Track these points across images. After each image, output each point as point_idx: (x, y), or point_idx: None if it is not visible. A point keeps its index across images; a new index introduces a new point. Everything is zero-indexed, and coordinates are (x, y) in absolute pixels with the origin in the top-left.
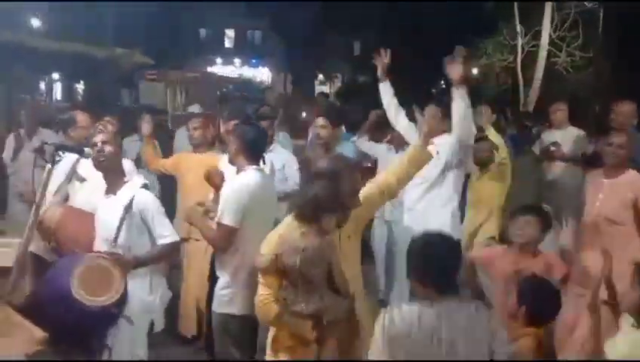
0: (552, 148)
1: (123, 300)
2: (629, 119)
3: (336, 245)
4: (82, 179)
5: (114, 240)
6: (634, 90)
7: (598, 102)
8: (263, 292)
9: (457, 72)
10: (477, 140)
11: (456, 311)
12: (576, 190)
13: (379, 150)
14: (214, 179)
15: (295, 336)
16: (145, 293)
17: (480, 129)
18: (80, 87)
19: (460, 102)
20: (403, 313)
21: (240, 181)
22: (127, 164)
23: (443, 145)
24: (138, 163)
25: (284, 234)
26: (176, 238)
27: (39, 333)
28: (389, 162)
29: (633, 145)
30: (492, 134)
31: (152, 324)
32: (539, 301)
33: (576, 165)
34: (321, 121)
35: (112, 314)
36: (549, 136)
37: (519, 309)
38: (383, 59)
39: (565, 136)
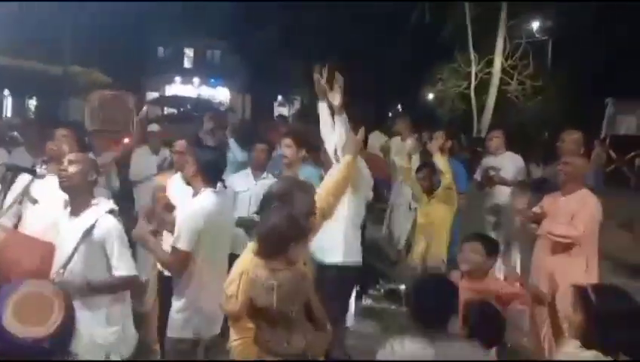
0: (492, 173)
1: (63, 334)
2: (576, 147)
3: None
4: (34, 201)
5: (63, 265)
6: (581, 118)
7: (547, 129)
8: (237, 336)
9: (338, 100)
10: (418, 169)
11: (457, 351)
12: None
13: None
14: (162, 205)
15: None
16: (99, 326)
17: (426, 154)
18: (32, 102)
19: (341, 127)
20: (405, 346)
21: (196, 205)
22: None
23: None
24: None
25: (251, 274)
26: (133, 272)
27: None
28: None
29: (583, 167)
30: (439, 159)
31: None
32: (481, 325)
33: (520, 188)
34: (287, 140)
35: (44, 350)
36: (487, 162)
37: (463, 329)
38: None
39: (503, 161)
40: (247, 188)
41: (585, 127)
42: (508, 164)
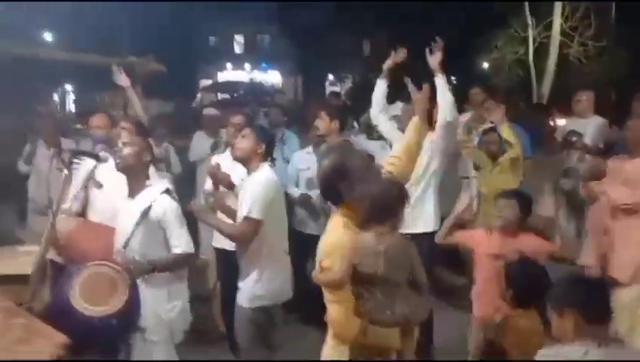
0: (574, 139)
1: (130, 311)
2: None
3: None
4: (99, 185)
5: (124, 245)
6: None
7: (614, 90)
8: (336, 309)
9: (437, 61)
10: (485, 132)
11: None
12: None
13: (374, 147)
14: (219, 177)
15: (375, 348)
16: (161, 303)
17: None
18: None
19: (443, 89)
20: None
21: (264, 176)
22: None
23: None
24: None
25: (354, 240)
26: (191, 250)
27: (60, 339)
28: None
29: None
30: (505, 131)
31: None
32: (525, 283)
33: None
34: (322, 114)
35: (112, 326)
36: (571, 126)
37: (507, 292)
38: (396, 57)
39: (587, 127)
40: (307, 166)
41: None
42: (592, 129)
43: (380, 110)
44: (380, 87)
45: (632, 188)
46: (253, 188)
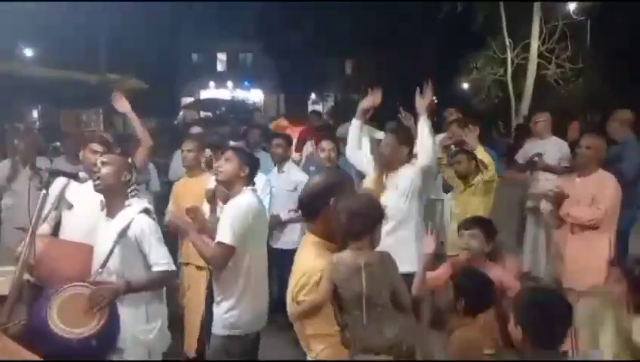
0: (535, 159)
1: (108, 332)
2: (626, 126)
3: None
4: (70, 205)
5: (102, 265)
6: (622, 100)
7: (589, 111)
8: (321, 345)
9: (424, 105)
10: (453, 154)
11: None
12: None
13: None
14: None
15: None
16: (140, 323)
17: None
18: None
19: (427, 132)
20: None
21: (245, 202)
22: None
23: (402, 178)
24: None
25: (331, 259)
26: (172, 267)
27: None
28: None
29: (604, 149)
30: (480, 151)
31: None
32: (474, 292)
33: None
34: (327, 144)
35: (92, 347)
36: (531, 146)
37: (457, 302)
38: (371, 99)
39: (547, 146)
40: (272, 183)
41: (628, 108)
42: (552, 149)
43: (354, 149)
44: (355, 127)
45: (589, 205)
46: (231, 213)
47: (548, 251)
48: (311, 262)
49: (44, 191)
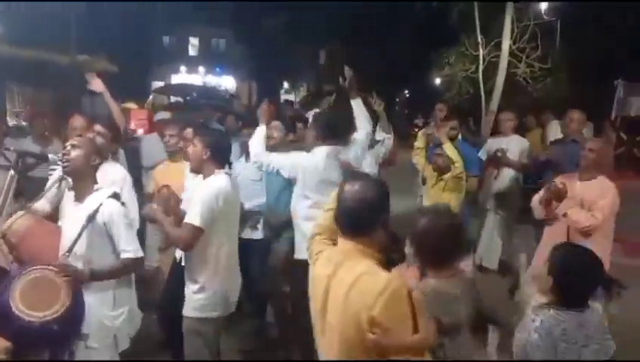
0: (499, 155)
1: (71, 316)
2: (580, 126)
3: None
4: (71, 187)
5: (69, 250)
6: (591, 100)
7: (556, 111)
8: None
9: (353, 87)
10: (436, 145)
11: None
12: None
13: None
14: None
15: None
16: (106, 309)
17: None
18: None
19: (359, 109)
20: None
21: (214, 185)
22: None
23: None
24: None
25: (426, 289)
26: (140, 254)
27: (2, 344)
28: None
29: (608, 155)
30: (448, 147)
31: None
32: None
33: (520, 170)
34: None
35: (54, 331)
36: (494, 144)
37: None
38: (350, 78)
39: (509, 143)
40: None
41: (595, 108)
42: (514, 146)
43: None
44: (357, 105)
45: (587, 210)
46: (200, 195)
47: (505, 245)
48: (382, 276)
49: (11, 172)
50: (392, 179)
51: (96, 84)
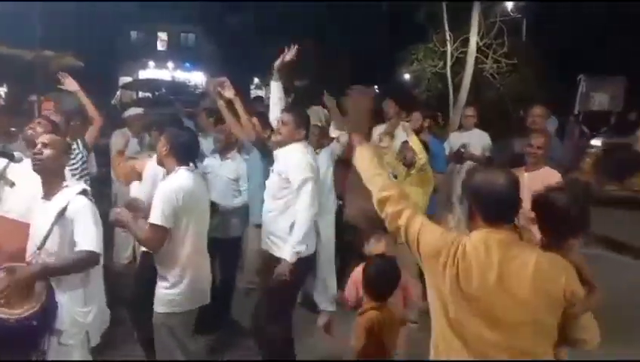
0: (461, 150)
1: (47, 312)
2: (542, 121)
3: None
4: (12, 184)
5: (40, 246)
6: (555, 96)
7: (522, 106)
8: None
9: (277, 66)
10: (404, 141)
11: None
12: None
13: None
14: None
15: None
16: (77, 306)
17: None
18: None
19: (274, 93)
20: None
21: (173, 182)
22: None
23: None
24: None
25: (563, 263)
26: (94, 249)
27: None
28: None
29: (549, 145)
30: (413, 141)
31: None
32: (381, 279)
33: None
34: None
35: (32, 327)
36: (456, 139)
37: (366, 288)
38: (286, 56)
39: (471, 138)
40: (210, 169)
41: (559, 104)
42: (476, 140)
43: (278, 113)
44: (274, 88)
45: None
46: (161, 194)
47: None
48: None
49: None
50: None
51: (70, 84)
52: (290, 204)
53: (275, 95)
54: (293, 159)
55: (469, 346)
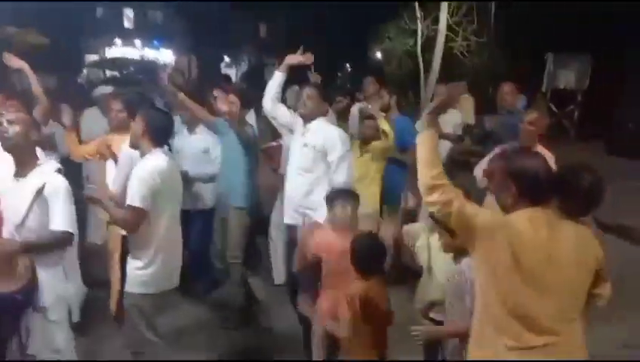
0: None
1: (31, 288)
2: (512, 98)
3: None
4: None
5: (21, 224)
6: (523, 73)
7: (491, 84)
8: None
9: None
10: (365, 117)
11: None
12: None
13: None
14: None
15: None
16: (59, 281)
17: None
18: None
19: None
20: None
21: (149, 163)
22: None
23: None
24: None
25: (592, 234)
26: (67, 228)
27: None
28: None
29: (545, 126)
30: (382, 122)
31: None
32: (368, 254)
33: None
34: (232, 97)
35: (18, 301)
36: None
37: (354, 265)
38: (302, 58)
39: (443, 116)
40: (180, 145)
41: (527, 81)
42: (447, 118)
43: (272, 100)
44: (277, 79)
45: None
46: (137, 175)
47: None
48: (584, 227)
49: None
50: None
51: (14, 61)
52: (322, 176)
53: (276, 83)
54: (331, 133)
55: (518, 315)
